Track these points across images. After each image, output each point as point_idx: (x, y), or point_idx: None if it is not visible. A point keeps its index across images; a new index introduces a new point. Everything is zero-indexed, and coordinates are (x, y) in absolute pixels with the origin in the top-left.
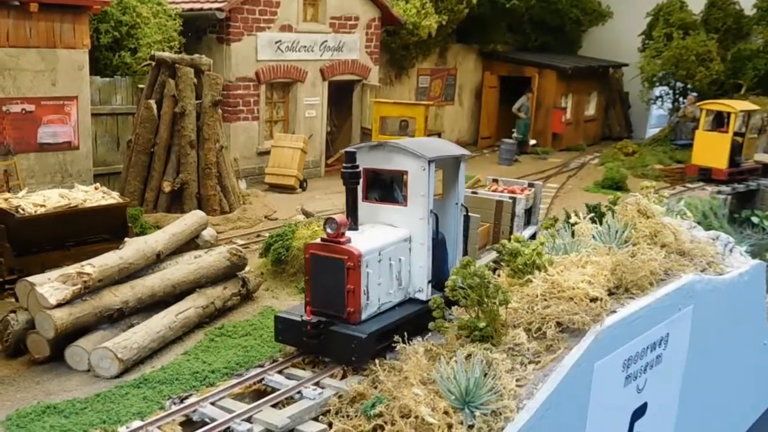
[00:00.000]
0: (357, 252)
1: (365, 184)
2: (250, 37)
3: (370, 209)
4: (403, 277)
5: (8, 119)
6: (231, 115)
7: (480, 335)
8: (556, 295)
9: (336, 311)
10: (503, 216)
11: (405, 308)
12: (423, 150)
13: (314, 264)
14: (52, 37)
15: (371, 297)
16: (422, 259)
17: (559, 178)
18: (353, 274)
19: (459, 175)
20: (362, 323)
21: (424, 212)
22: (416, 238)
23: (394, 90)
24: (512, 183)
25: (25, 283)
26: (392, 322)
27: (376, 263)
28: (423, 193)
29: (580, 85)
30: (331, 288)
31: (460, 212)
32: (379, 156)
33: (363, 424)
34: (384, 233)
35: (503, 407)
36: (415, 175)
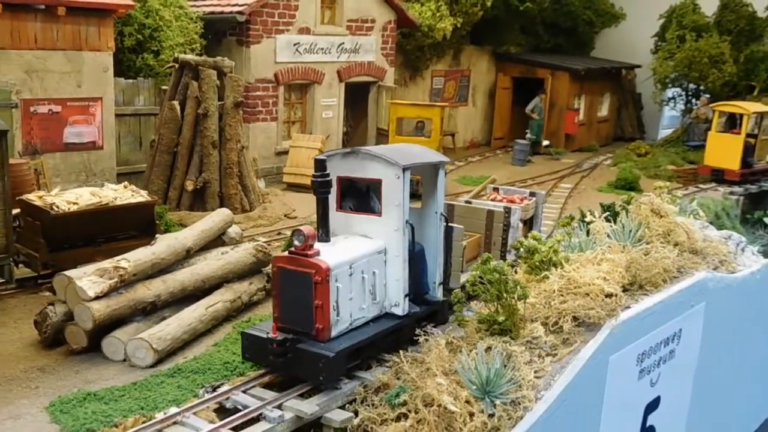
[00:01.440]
0: (325, 265)
1: (339, 193)
2: (269, 40)
3: (344, 219)
4: (378, 291)
5: (36, 120)
6: (250, 116)
7: (499, 329)
8: (573, 291)
9: (304, 328)
10: (495, 227)
11: (380, 324)
12: (397, 157)
13: (281, 278)
14: (78, 40)
15: (342, 313)
16: (398, 271)
17: (572, 179)
18: (321, 289)
19: (438, 183)
20: (332, 341)
21: (399, 223)
22: (392, 250)
23: (409, 91)
24: (513, 192)
25: (62, 276)
26: (365, 339)
27: (346, 277)
28: (398, 203)
29: (593, 86)
30: (298, 303)
31: (440, 222)
32: (352, 164)
33: (387, 412)
34: (357, 245)
35: (522, 397)
36: (390, 183)
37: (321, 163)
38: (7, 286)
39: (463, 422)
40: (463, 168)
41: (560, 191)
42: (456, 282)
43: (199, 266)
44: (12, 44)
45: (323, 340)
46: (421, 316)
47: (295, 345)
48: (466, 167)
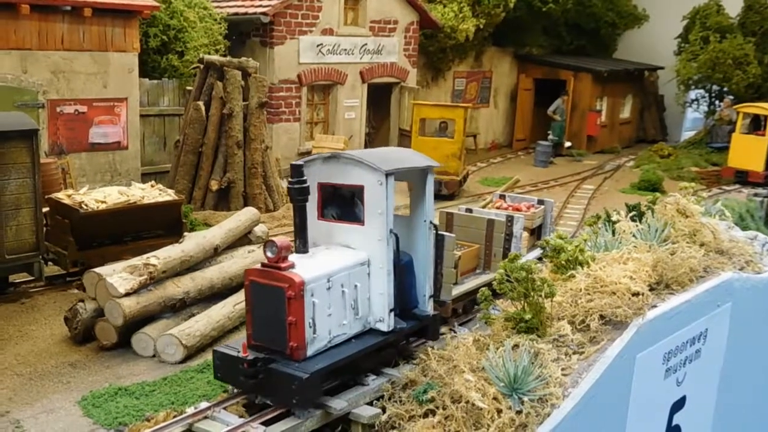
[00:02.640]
0: (298, 279)
1: (320, 201)
2: (292, 41)
3: (326, 229)
4: (361, 306)
5: (62, 120)
6: (273, 117)
7: (526, 327)
8: (599, 290)
9: (278, 346)
10: (495, 237)
11: (363, 341)
12: (380, 162)
13: (254, 292)
14: (104, 41)
15: (319, 330)
16: (382, 285)
17: (595, 180)
18: (295, 305)
19: (426, 190)
20: (307, 360)
21: (382, 232)
22: (375, 262)
23: (431, 92)
24: (520, 200)
25: (93, 274)
26: (344, 357)
27: (323, 291)
28: (381, 211)
29: (615, 87)
30: (271, 320)
31: (430, 231)
32: (334, 169)
33: (415, 408)
34: (337, 256)
35: (549, 394)
36: (372, 190)
37: (297, 168)
38: (37, 283)
39: (491, 418)
40: (485, 169)
41: (583, 192)
42: (448, 295)
43: (227, 264)
44: (39, 45)
45: (298, 360)
46: (409, 332)
47: (267, 365)
48: (488, 168)
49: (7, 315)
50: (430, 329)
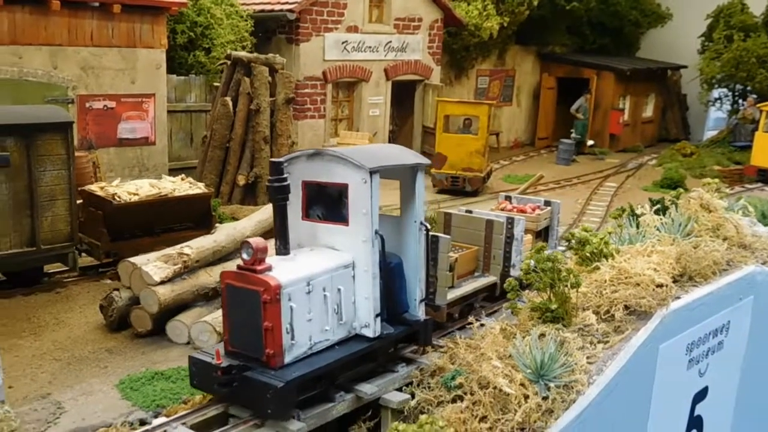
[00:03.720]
0: (274, 282)
1: (304, 200)
2: (318, 38)
3: (311, 229)
4: (345, 311)
5: (91, 115)
6: (298, 113)
7: (551, 316)
8: (624, 281)
9: (254, 353)
10: (495, 239)
11: (347, 347)
12: (364, 159)
13: (229, 296)
14: (132, 37)
15: (298, 336)
16: (367, 288)
17: (617, 178)
18: (271, 309)
19: (416, 188)
20: (285, 368)
21: (367, 233)
22: (360, 264)
23: (454, 90)
24: (527, 201)
25: (127, 263)
26: (325, 365)
27: (303, 295)
28: (365, 211)
29: (638, 86)
30: (248, 325)
31: (420, 232)
32: (318, 166)
33: (443, 394)
34: (320, 258)
35: (575, 381)
36: (356, 188)
37: (277, 165)
38: (71, 273)
39: (517, 404)
40: (508, 167)
41: (606, 190)
42: (443, 299)
43: None
44: (69, 41)
45: (275, 367)
46: (397, 338)
47: (242, 372)
48: (510, 166)
49: (42, 303)
50: (422, 335)
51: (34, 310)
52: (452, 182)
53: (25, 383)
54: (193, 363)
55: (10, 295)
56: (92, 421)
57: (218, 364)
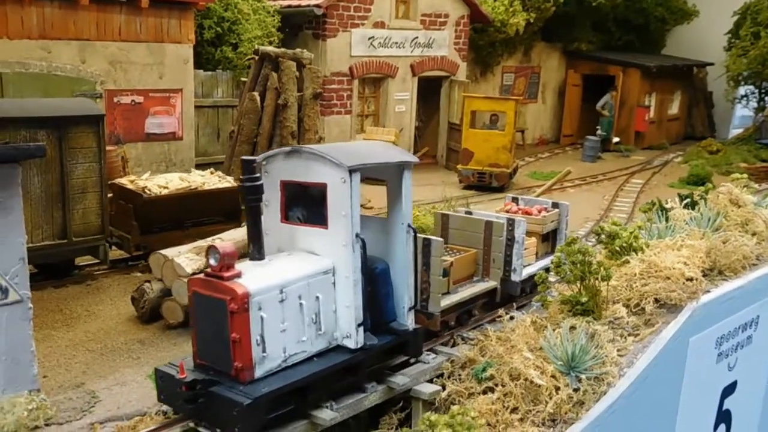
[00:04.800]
0: (242, 290)
1: (284, 201)
2: (344, 33)
3: (290, 233)
4: (324, 320)
5: (119, 110)
6: (325, 109)
7: (582, 309)
8: (654, 275)
9: (223, 367)
10: (494, 241)
11: (327, 359)
12: (343, 156)
13: (197, 305)
14: (160, 33)
15: (270, 348)
16: (348, 296)
17: (643, 175)
18: (239, 320)
19: (403, 189)
20: (255, 383)
21: (347, 236)
22: (341, 270)
23: (479, 87)
24: (534, 202)
25: (159, 255)
26: (300, 379)
27: (275, 304)
28: (345, 212)
29: (664, 84)
30: (215, 336)
31: (408, 235)
32: (296, 165)
33: (474, 386)
34: (296, 264)
35: (605, 373)
36: (335, 188)
37: (248, 164)
38: (101, 266)
39: (549, 395)
40: (533, 164)
41: (632, 186)
42: (436, 306)
43: None
44: (97, 36)
45: (244, 382)
46: (383, 349)
47: (208, 388)
48: (536, 163)
49: (74, 295)
50: (411, 345)
51: (66, 302)
52: (478, 178)
53: (59, 373)
54: (159, 377)
55: (42, 287)
56: (127, 410)
57: (182, 378)
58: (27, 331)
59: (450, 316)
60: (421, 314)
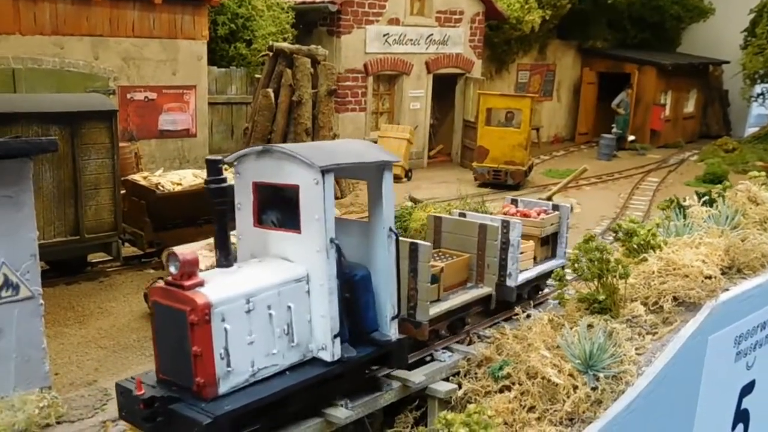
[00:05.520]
0: (202, 301)
1: (256, 203)
2: (359, 30)
3: (262, 238)
4: (297, 331)
5: (132, 106)
6: (339, 106)
7: (599, 307)
8: (672, 273)
9: (185, 382)
10: (489, 245)
11: (301, 373)
12: (316, 156)
13: (158, 315)
14: (174, 29)
15: (236, 362)
16: (323, 306)
17: (659, 173)
18: (199, 332)
19: (384, 190)
20: (218, 400)
21: (321, 242)
22: (315, 278)
23: (494, 85)
24: (533, 204)
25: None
26: (270, 395)
27: (241, 314)
28: (318, 216)
29: (679, 82)
30: (177, 350)
31: (390, 240)
32: (268, 165)
33: (491, 384)
34: (267, 271)
35: (623, 372)
36: (307, 190)
37: (213, 164)
38: (114, 263)
39: (566, 394)
40: (548, 162)
41: (648, 185)
42: (424, 314)
43: None
44: (111, 32)
45: (206, 399)
46: (363, 361)
47: (167, 405)
48: (551, 161)
49: (87, 292)
50: (395, 357)
51: (78, 299)
52: (494, 176)
53: (71, 370)
54: (120, 392)
55: (54, 283)
56: None
57: (139, 395)
58: (38, 327)
59: (440, 324)
60: (408, 323)
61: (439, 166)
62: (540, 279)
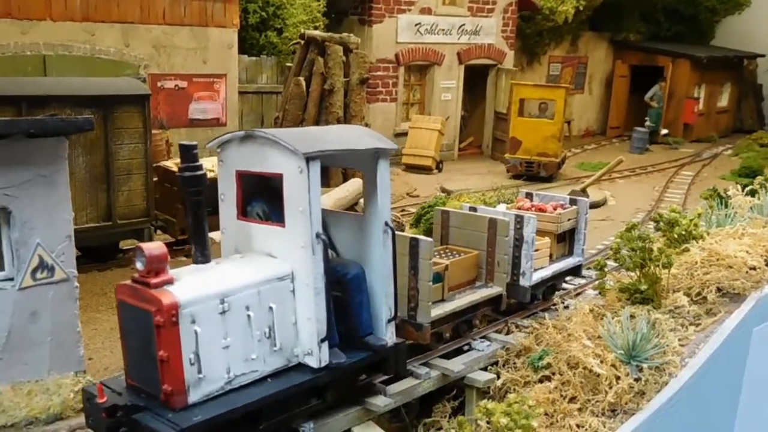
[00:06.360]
0: (169, 300)
1: (240, 194)
2: (391, 19)
3: (246, 231)
4: (280, 335)
5: (162, 95)
6: (370, 96)
7: (641, 297)
8: (715, 263)
9: (152, 389)
10: (499, 242)
11: (284, 380)
12: (301, 142)
13: (124, 316)
14: (204, 16)
15: (207, 368)
16: (309, 307)
17: (693, 167)
18: (166, 335)
19: (379, 180)
20: (188, 409)
21: (306, 237)
22: (300, 276)
23: (525, 77)
24: (549, 198)
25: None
26: (247, 404)
27: (214, 316)
28: (302, 208)
29: (713, 75)
30: (143, 353)
31: (386, 235)
32: (252, 152)
33: (530, 374)
34: (246, 268)
35: (666, 363)
36: (291, 179)
37: (187, 150)
38: None
39: (608, 385)
40: (580, 155)
41: (682, 178)
42: (426, 316)
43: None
44: (141, 19)
45: (175, 408)
46: (355, 368)
47: (130, 415)
48: (582, 155)
49: (119, 278)
50: (391, 363)
51: (110, 285)
52: (526, 167)
53: (105, 355)
54: (86, 398)
55: (86, 270)
56: None
57: (101, 403)
58: (73, 310)
59: (444, 327)
60: (408, 325)
61: (469, 158)
62: (556, 278)
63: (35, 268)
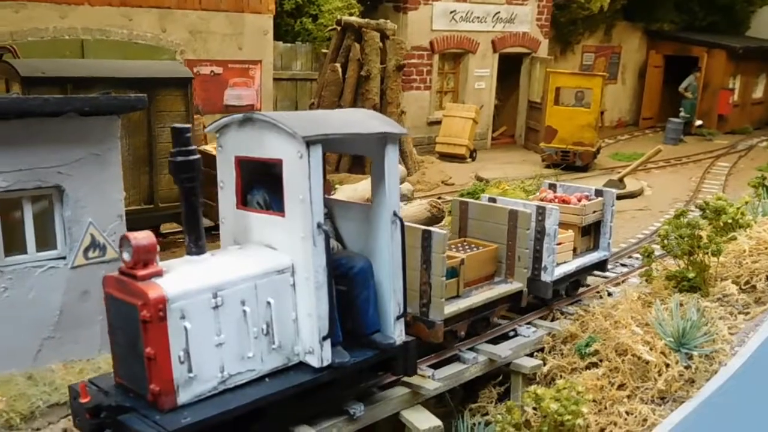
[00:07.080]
0: (156, 294)
1: (240, 181)
2: (426, 6)
3: (245, 221)
4: (279, 332)
5: (198, 80)
6: (404, 84)
7: (688, 285)
8: (764, 252)
9: (140, 389)
10: (519, 234)
11: (283, 380)
12: (301, 125)
13: (112, 310)
14: (240, 2)
15: (198, 367)
16: (309, 302)
17: (729, 158)
18: (153, 331)
19: (386, 167)
20: (177, 411)
21: (306, 227)
22: (300, 269)
23: (558, 66)
24: (574, 189)
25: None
26: (242, 405)
27: (206, 311)
28: (303, 196)
29: (749, 66)
30: (131, 350)
31: (395, 226)
32: (251, 137)
33: (577, 361)
34: (243, 261)
35: (716, 351)
36: (291, 165)
37: (180, 133)
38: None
39: (658, 372)
40: (613, 146)
41: (718, 169)
42: (438, 313)
43: None
44: (178, 4)
45: (163, 410)
46: (360, 367)
47: (115, 416)
48: (615, 145)
49: None
50: (400, 362)
51: None
52: (562, 156)
53: None
54: (73, 396)
55: None
56: None
57: (84, 403)
58: None
59: (458, 325)
60: (420, 323)
61: (502, 147)
62: (580, 273)
63: (87, 246)
